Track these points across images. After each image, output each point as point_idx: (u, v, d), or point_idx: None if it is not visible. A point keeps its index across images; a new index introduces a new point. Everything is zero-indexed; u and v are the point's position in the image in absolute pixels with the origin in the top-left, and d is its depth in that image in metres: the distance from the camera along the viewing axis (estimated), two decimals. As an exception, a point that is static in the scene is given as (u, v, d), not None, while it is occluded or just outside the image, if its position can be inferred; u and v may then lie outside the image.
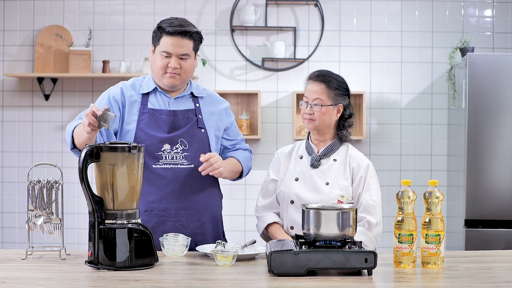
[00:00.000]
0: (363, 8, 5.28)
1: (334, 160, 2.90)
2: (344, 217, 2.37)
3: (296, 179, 2.90)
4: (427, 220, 2.42)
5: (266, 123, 5.27)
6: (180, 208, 2.86)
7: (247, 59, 5.26)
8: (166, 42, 2.83)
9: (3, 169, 5.32)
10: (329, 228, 2.36)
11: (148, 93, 2.92)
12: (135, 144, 2.43)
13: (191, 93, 2.98)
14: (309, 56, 5.25)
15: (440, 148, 5.27)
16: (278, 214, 2.97)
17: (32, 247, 2.59)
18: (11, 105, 5.29)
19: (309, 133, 3.00)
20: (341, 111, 2.91)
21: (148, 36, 5.25)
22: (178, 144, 2.87)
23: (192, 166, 2.87)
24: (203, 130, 2.93)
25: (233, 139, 3.11)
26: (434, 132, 5.28)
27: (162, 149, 2.85)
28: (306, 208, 2.42)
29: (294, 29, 5.24)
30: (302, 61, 5.25)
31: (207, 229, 2.94)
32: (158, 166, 2.85)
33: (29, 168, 2.68)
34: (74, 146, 2.81)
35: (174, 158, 2.86)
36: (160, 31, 2.85)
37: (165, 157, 2.85)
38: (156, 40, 2.88)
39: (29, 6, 5.26)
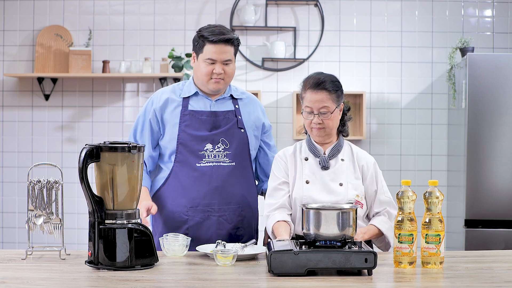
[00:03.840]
0: (363, 8, 5.28)
1: (342, 160, 2.89)
2: (344, 217, 2.37)
3: (307, 182, 2.85)
4: (427, 220, 2.42)
5: (266, 123, 5.27)
6: (223, 203, 3.02)
7: (247, 59, 5.26)
8: (210, 49, 2.96)
9: (3, 169, 5.32)
10: (329, 228, 2.36)
11: (188, 97, 3.06)
12: (135, 144, 2.44)
13: (231, 95, 3.12)
14: (309, 56, 5.25)
15: (440, 148, 5.27)
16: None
17: (32, 247, 2.59)
18: (11, 105, 5.29)
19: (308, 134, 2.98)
20: (342, 109, 2.92)
21: (148, 36, 5.25)
22: (219, 143, 3.02)
23: (234, 164, 3.03)
24: (242, 130, 3.07)
25: (269, 143, 3.24)
26: (434, 132, 5.28)
27: (205, 149, 3.00)
28: (306, 208, 2.42)
29: (294, 29, 5.24)
30: (302, 61, 5.24)
31: (248, 224, 3.10)
32: (201, 164, 3.00)
33: (29, 168, 2.68)
34: None
35: (217, 157, 3.01)
36: (202, 39, 2.97)
37: (208, 156, 3.00)
38: (199, 48, 3.00)
39: (29, 6, 5.26)
